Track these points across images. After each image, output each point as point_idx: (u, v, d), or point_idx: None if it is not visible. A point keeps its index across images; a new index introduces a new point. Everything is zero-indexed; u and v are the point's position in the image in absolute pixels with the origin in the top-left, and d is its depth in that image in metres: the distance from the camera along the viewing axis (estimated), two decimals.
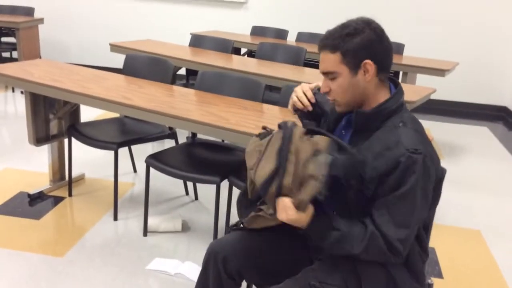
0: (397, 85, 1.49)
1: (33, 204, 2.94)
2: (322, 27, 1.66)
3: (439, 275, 2.49)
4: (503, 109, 5.72)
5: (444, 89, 5.23)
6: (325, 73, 1.44)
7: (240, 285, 1.63)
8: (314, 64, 4.24)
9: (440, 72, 4.04)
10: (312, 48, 4.38)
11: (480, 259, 2.69)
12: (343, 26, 1.41)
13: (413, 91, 3.11)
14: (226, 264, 1.55)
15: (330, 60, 1.41)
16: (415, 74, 4.20)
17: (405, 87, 1.53)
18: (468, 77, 5.60)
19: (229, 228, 1.69)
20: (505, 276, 2.53)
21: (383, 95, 1.45)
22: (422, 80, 4.35)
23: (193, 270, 2.37)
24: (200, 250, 2.58)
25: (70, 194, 3.06)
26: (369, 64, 1.40)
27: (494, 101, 5.74)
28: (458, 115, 5.63)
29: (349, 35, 1.38)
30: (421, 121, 1.50)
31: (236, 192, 2.41)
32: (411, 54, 4.61)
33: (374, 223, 1.38)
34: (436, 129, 4.96)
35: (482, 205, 3.35)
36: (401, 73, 4.21)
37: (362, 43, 1.39)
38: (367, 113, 1.44)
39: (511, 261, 2.68)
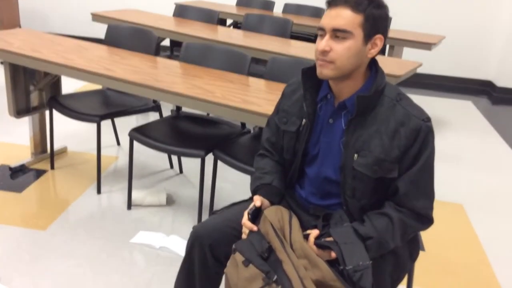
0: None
1: (15, 177, 2.90)
2: None
3: (421, 248, 2.52)
4: (488, 83, 5.75)
5: (429, 63, 5.24)
6: (336, 30, 1.32)
7: (226, 265, 1.62)
8: (300, 37, 4.19)
9: (426, 45, 4.02)
10: (298, 20, 4.32)
11: (462, 233, 2.73)
12: None
13: (400, 64, 3.09)
14: (214, 250, 1.52)
15: (349, 18, 1.31)
16: (401, 48, 4.18)
17: (391, 60, 1.51)
18: (453, 51, 5.59)
19: (212, 211, 1.65)
20: (485, 250, 2.57)
21: (366, 73, 1.43)
22: (406, 54, 4.33)
23: (178, 244, 2.37)
24: (185, 224, 2.57)
25: (52, 167, 3.02)
26: (380, 39, 1.37)
27: (479, 76, 5.77)
28: (443, 89, 5.65)
29: (374, 3, 1.34)
30: None
31: (221, 165, 2.41)
32: (397, 27, 4.58)
33: (400, 203, 1.40)
34: (420, 103, 4.88)
35: (465, 179, 3.39)
36: (387, 46, 4.18)
37: (384, 16, 1.37)
38: (369, 96, 1.38)
39: (492, 234, 2.73)
